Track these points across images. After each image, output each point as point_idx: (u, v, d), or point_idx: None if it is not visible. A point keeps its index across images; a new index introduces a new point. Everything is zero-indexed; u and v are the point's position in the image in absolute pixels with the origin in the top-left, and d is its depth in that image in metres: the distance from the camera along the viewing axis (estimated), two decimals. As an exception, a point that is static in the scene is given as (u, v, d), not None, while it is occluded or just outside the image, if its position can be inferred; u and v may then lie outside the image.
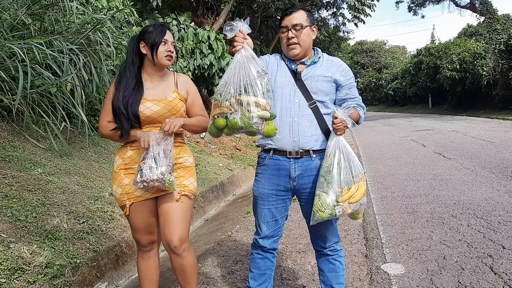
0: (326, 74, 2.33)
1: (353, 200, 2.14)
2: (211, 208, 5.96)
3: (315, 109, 2.29)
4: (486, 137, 12.09)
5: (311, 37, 2.36)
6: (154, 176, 2.17)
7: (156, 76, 2.41)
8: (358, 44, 66.32)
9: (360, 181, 2.18)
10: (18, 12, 4.39)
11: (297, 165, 2.30)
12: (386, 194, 5.93)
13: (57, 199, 3.61)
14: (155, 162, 2.18)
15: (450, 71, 30.91)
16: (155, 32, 2.30)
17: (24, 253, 2.72)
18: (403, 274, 3.18)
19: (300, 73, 2.33)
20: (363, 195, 2.18)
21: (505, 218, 4.36)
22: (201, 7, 13.84)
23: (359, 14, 20.23)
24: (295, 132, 2.29)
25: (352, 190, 2.15)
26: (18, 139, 4.37)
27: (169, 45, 2.33)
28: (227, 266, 3.44)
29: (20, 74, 3.54)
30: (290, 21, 2.31)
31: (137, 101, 2.28)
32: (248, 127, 1.98)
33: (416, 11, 35.90)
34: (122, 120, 2.28)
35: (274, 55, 2.49)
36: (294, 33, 2.30)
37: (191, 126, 2.42)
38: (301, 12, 2.33)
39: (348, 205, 2.14)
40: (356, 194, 2.14)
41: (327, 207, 2.14)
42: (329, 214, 2.14)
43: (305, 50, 2.35)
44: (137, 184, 2.19)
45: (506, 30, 25.00)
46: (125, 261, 3.54)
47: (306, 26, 2.31)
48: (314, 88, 2.31)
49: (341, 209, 2.13)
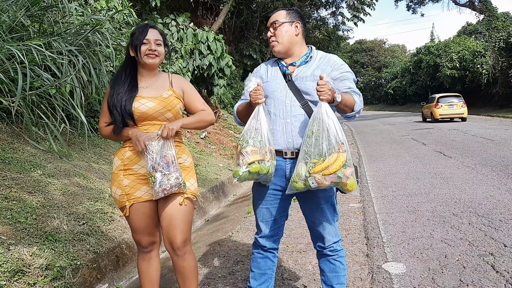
0: (315, 73, 2.29)
1: (327, 172, 2.03)
2: (212, 208, 5.95)
3: (308, 109, 2.27)
4: (487, 135, 12.08)
5: (291, 33, 2.33)
6: (172, 182, 2.21)
7: (149, 77, 2.42)
8: (358, 43, 66.40)
9: (337, 152, 2.05)
10: (17, 14, 4.39)
11: (292, 165, 2.30)
12: (387, 193, 5.92)
13: (57, 201, 3.60)
14: (167, 169, 2.21)
15: (450, 69, 30.94)
16: (137, 33, 2.34)
17: (24, 255, 2.71)
18: (405, 273, 3.17)
19: (290, 74, 2.33)
20: (340, 167, 2.04)
21: (506, 216, 4.35)
22: (200, 7, 13.84)
23: (358, 13, 20.24)
24: (288, 133, 2.29)
25: (327, 162, 2.04)
26: (18, 141, 4.37)
27: (151, 44, 2.33)
28: (228, 266, 3.43)
29: (19, 76, 3.53)
30: (270, 20, 2.36)
31: (131, 98, 2.31)
32: (270, 175, 2.20)
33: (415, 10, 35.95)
34: (115, 116, 2.31)
35: (267, 63, 2.51)
36: (272, 31, 2.33)
37: (192, 124, 2.44)
38: (280, 11, 2.37)
39: (322, 176, 2.04)
40: (331, 166, 2.03)
41: (299, 178, 2.09)
42: (304, 185, 2.09)
43: (286, 47, 2.34)
44: (158, 194, 2.22)
45: (506, 28, 25.01)
46: (126, 263, 3.53)
47: (283, 22, 2.31)
48: (305, 88, 2.29)
49: (314, 180, 2.05)
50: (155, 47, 2.33)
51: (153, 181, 2.21)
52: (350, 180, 2.09)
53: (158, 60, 2.37)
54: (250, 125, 2.20)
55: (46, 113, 4.12)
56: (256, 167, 2.13)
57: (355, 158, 9.53)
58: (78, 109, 4.25)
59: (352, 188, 2.12)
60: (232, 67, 11.02)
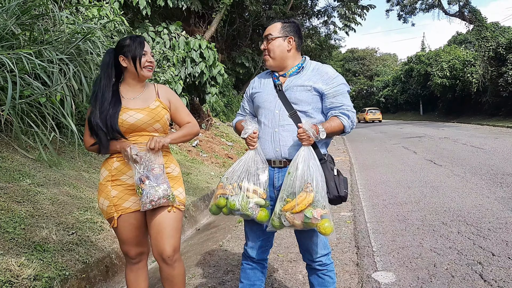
0: (305, 83, 2.29)
1: (294, 211, 2.05)
2: (203, 217, 5.93)
3: (296, 119, 2.28)
4: (477, 144, 12.19)
5: (284, 48, 2.33)
6: (161, 194, 2.20)
7: (137, 87, 2.41)
8: (350, 52, 66.92)
9: (305, 191, 2.06)
10: (7, 22, 4.37)
11: (280, 174, 2.31)
12: (377, 201, 5.94)
13: (46, 210, 3.57)
14: (155, 181, 2.20)
15: (441, 78, 31.26)
16: (134, 44, 2.32)
17: (12, 265, 2.68)
18: (394, 282, 3.18)
19: (281, 84, 2.35)
20: (305, 206, 2.04)
21: (495, 225, 4.38)
22: (193, 16, 13.87)
23: (350, 22, 20.45)
24: (276, 142, 2.30)
25: (295, 200, 2.06)
26: (7, 149, 4.34)
27: (149, 56, 2.35)
28: (218, 276, 3.42)
29: (9, 84, 3.51)
30: (265, 32, 2.38)
31: (115, 113, 2.26)
32: (244, 210, 2.19)
33: (406, 19, 36.43)
34: (101, 136, 2.25)
35: (261, 75, 2.53)
36: (265, 44, 2.36)
37: (180, 138, 2.44)
38: (276, 23, 2.37)
39: (291, 215, 2.06)
40: (297, 205, 2.04)
41: (275, 215, 2.16)
42: (279, 223, 2.13)
43: (278, 61, 2.35)
44: (145, 206, 2.20)
45: (495, 38, 25.36)
46: (115, 273, 3.50)
47: (276, 37, 2.32)
48: (294, 98, 2.30)
49: (285, 218, 2.08)
50: (151, 59, 2.36)
51: (141, 193, 2.20)
52: (323, 222, 2.05)
53: (152, 72, 2.40)
54: (233, 166, 2.34)
55: (36, 121, 4.09)
56: (222, 201, 2.25)
57: (347, 166, 9.56)
58: (68, 117, 4.23)
59: (325, 232, 2.05)
60: (225, 75, 11.04)
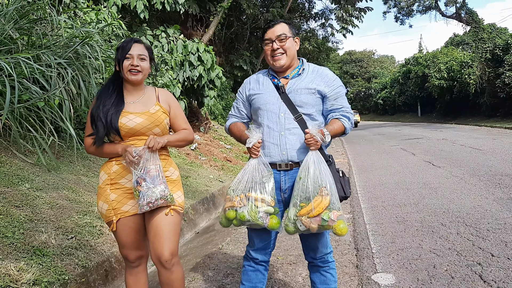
0: (309, 86, 2.33)
1: (311, 215, 2.10)
2: (202, 220, 5.92)
3: (301, 122, 2.30)
4: (475, 145, 12.21)
5: (294, 47, 2.40)
6: (158, 195, 2.19)
7: (135, 91, 2.41)
8: (347, 54, 67.05)
9: (321, 196, 2.12)
10: (5, 26, 4.37)
11: (287, 177, 2.32)
12: (376, 203, 5.95)
13: (45, 215, 3.57)
14: (152, 182, 2.20)
15: (438, 79, 31.31)
16: (120, 48, 2.33)
17: (11, 270, 2.67)
18: (394, 284, 3.18)
19: (283, 86, 2.35)
20: (323, 209, 2.10)
21: (494, 225, 4.39)
22: (190, 19, 13.89)
23: (347, 25, 20.49)
24: (283, 145, 2.31)
25: (311, 205, 2.11)
26: (5, 154, 4.33)
27: (134, 60, 2.30)
28: (218, 279, 3.41)
29: (7, 89, 3.51)
30: (274, 33, 2.36)
31: (117, 111, 2.28)
32: (255, 220, 2.20)
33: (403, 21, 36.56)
34: (99, 127, 2.27)
35: (257, 74, 2.53)
36: (279, 43, 2.35)
37: (176, 142, 2.43)
38: (282, 24, 2.39)
39: (308, 219, 2.11)
40: (314, 209, 2.09)
41: (289, 221, 2.19)
42: (294, 228, 2.17)
43: (291, 60, 2.38)
44: (143, 208, 2.20)
45: (492, 39, 25.43)
46: (115, 277, 3.50)
47: (289, 36, 2.36)
48: (299, 101, 2.32)
49: (301, 223, 2.12)
50: (138, 63, 2.31)
51: (138, 195, 2.20)
52: (339, 223, 2.14)
53: (141, 76, 2.35)
54: (238, 177, 2.33)
55: (34, 126, 4.09)
56: (231, 214, 2.27)
57: (345, 168, 9.56)
58: (67, 121, 4.22)
59: (341, 233, 2.16)
60: (223, 79, 11.04)
